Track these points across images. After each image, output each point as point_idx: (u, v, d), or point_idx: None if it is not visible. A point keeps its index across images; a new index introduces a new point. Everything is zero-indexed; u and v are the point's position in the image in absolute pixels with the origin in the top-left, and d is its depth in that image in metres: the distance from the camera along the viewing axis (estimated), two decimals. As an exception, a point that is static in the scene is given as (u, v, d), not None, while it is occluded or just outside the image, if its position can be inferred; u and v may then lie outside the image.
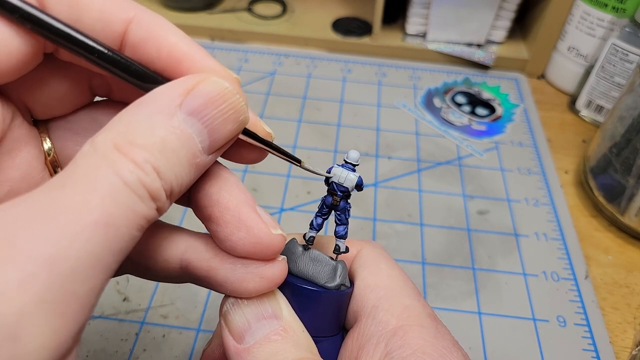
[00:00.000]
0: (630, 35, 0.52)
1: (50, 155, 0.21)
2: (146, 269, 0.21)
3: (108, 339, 0.37)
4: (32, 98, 0.20)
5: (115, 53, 0.17)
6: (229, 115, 0.17)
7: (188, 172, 0.17)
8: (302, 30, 0.67)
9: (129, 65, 0.18)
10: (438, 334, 0.21)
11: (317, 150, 0.52)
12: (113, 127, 0.16)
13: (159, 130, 0.16)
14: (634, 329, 0.39)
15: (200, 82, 0.17)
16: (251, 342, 0.19)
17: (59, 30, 0.16)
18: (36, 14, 0.16)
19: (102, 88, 0.22)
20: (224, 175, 0.19)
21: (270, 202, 0.47)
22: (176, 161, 0.16)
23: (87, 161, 0.15)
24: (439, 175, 0.51)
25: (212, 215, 0.19)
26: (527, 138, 0.56)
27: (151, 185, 0.15)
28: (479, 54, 0.65)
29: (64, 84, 0.20)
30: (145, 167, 0.15)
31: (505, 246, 0.45)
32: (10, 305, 0.12)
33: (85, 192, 0.14)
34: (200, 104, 0.17)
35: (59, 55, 0.19)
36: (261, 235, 0.19)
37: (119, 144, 0.15)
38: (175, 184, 0.16)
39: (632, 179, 0.43)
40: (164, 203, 0.16)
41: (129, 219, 0.15)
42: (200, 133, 0.17)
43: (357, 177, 0.22)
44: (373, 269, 0.24)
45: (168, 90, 0.17)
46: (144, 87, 0.18)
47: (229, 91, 0.17)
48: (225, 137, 0.18)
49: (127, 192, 0.15)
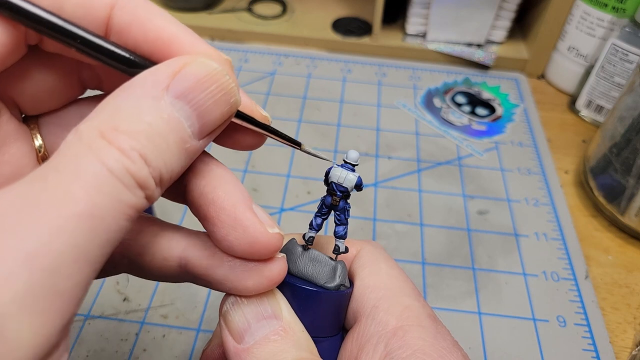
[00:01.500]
0: (630, 35, 0.52)
1: (41, 151, 0.20)
2: (145, 268, 0.20)
3: (108, 339, 0.37)
4: (18, 92, 0.19)
5: (99, 38, 0.17)
6: (218, 98, 0.17)
7: (178, 158, 0.16)
8: (302, 30, 0.67)
9: (113, 51, 0.17)
10: (438, 334, 0.21)
11: (317, 150, 0.52)
12: (98, 114, 0.15)
13: (145, 115, 0.15)
14: (634, 329, 0.39)
15: (188, 64, 0.16)
16: (251, 342, 0.19)
17: (38, 17, 0.16)
18: (14, 1, 0.16)
19: (92, 80, 0.21)
20: (220, 173, 0.19)
21: (270, 202, 0.47)
22: (165, 147, 0.15)
23: (71, 150, 0.14)
24: (439, 175, 0.51)
25: (207, 215, 0.19)
26: (527, 138, 0.56)
27: (138, 173, 0.15)
28: (479, 54, 0.65)
29: (52, 76, 0.20)
30: (132, 155, 0.15)
31: (505, 246, 0.45)
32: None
33: (69, 182, 0.14)
34: (187, 87, 0.16)
35: (44, 46, 0.19)
36: (257, 234, 0.18)
37: (104, 131, 0.15)
38: (164, 171, 0.16)
39: (632, 179, 0.43)
40: (153, 191, 0.15)
41: (115, 209, 0.14)
42: (188, 117, 0.16)
43: (356, 177, 0.22)
44: (373, 269, 0.24)
45: (154, 74, 0.16)
46: (131, 72, 0.17)
47: (218, 72, 0.17)
48: (215, 120, 0.17)
49: (112, 181, 0.14)
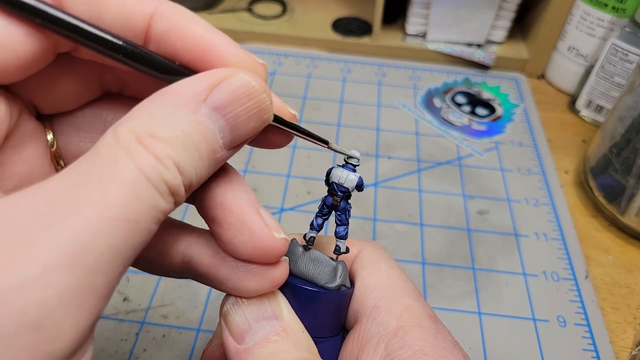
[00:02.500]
0: (630, 35, 0.52)
1: (53, 148, 0.21)
2: (149, 263, 0.21)
3: (108, 339, 0.37)
4: (41, 95, 0.20)
5: (139, 48, 0.17)
6: (253, 114, 0.17)
7: (207, 167, 0.17)
8: (302, 30, 0.67)
9: (153, 60, 0.17)
10: (438, 334, 0.21)
11: (317, 150, 0.52)
12: (135, 117, 0.16)
13: (182, 124, 0.16)
14: (634, 329, 0.39)
15: (227, 78, 0.17)
16: (251, 342, 0.19)
17: (82, 29, 0.16)
18: (54, 13, 0.16)
19: (115, 83, 0.22)
20: (229, 176, 0.19)
21: (271, 202, 0.47)
22: (197, 157, 0.16)
23: (109, 152, 0.15)
24: (439, 175, 0.51)
25: (215, 217, 0.19)
26: (527, 138, 0.56)
27: (172, 182, 0.15)
28: (479, 54, 0.65)
29: (75, 81, 0.20)
30: (167, 163, 0.15)
31: (505, 246, 0.45)
32: (35, 297, 0.12)
33: (107, 186, 0.14)
34: (225, 100, 0.17)
35: (78, 54, 0.19)
36: (264, 238, 0.18)
37: (141, 137, 0.15)
38: (194, 179, 0.16)
39: (632, 179, 0.43)
40: (182, 197, 0.16)
41: (149, 214, 0.15)
42: (222, 129, 0.17)
43: (357, 177, 0.22)
44: (373, 269, 0.24)
45: (193, 84, 0.17)
46: (168, 79, 0.18)
47: (256, 90, 0.17)
48: (247, 134, 0.18)
49: (148, 188, 0.15)
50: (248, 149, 0.52)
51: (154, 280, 0.40)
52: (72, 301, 0.13)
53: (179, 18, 0.18)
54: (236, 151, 0.18)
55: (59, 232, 0.13)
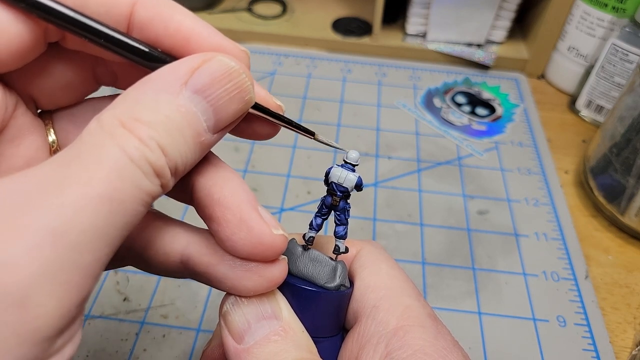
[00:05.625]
0: (630, 35, 0.52)
1: (54, 146, 0.21)
2: (147, 262, 0.21)
3: (108, 339, 0.37)
4: (35, 87, 0.20)
5: (122, 34, 0.18)
6: (234, 95, 0.18)
7: (193, 150, 0.17)
8: (302, 30, 0.67)
9: (135, 46, 0.18)
10: (438, 334, 0.21)
11: (317, 150, 0.52)
12: (119, 104, 0.16)
13: (164, 108, 0.16)
14: (634, 329, 0.39)
15: (206, 61, 0.17)
16: (251, 342, 0.19)
17: (64, 14, 0.17)
18: (42, 1, 0.16)
19: (107, 76, 0.22)
20: (226, 174, 0.19)
21: (270, 202, 0.47)
22: (181, 139, 0.16)
23: (93, 137, 0.15)
24: (439, 175, 0.51)
25: (213, 214, 0.19)
26: (527, 138, 0.56)
27: (156, 162, 0.15)
28: (479, 54, 0.65)
29: (68, 72, 0.21)
30: (150, 144, 0.15)
31: (505, 246, 0.45)
32: (19, 273, 0.13)
33: (91, 167, 0.14)
34: (205, 83, 0.17)
35: (66, 43, 0.19)
36: (262, 235, 0.18)
37: (125, 121, 0.15)
38: (179, 162, 0.16)
39: (632, 179, 0.43)
40: (168, 180, 0.16)
41: (133, 194, 0.15)
42: (205, 112, 0.17)
43: (356, 177, 0.22)
44: (373, 269, 0.24)
45: (174, 69, 0.17)
46: (151, 66, 0.18)
47: (235, 70, 0.18)
48: (230, 116, 0.18)
49: (132, 168, 0.15)
50: (248, 149, 0.52)
51: (154, 280, 0.40)
52: (55, 278, 0.13)
53: (162, 6, 0.19)
54: (222, 135, 0.18)
55: (42, 211, 0.13)
